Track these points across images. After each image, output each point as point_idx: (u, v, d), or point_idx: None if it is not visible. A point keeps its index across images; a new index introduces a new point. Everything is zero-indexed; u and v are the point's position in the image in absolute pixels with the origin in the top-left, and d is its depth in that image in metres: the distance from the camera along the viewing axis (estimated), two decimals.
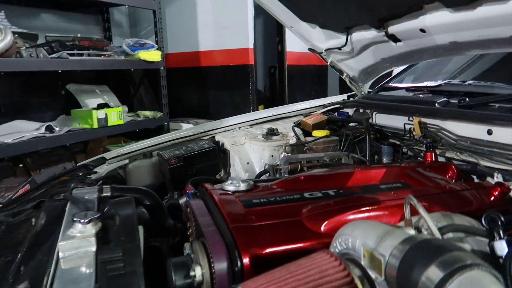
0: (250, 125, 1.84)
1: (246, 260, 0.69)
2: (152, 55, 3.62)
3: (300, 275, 0.59)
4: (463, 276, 0.44)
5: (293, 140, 1.55)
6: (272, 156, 1.51)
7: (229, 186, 0.93)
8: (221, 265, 0.70)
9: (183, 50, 4.15)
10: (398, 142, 1.50)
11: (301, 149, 1.52)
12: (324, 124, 1.73)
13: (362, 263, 0.61)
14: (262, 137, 1.57)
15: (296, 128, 1.67)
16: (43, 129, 2.96)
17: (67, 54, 3.04)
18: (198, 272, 0.70)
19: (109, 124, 3.25)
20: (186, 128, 1.82)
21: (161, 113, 3.82)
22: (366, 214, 0.82)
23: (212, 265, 0.70)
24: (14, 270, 0.74)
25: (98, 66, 3.27)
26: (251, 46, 3.86)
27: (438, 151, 1.34)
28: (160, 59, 3.71)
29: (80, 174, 1.44)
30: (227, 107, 4.11)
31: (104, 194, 1.05)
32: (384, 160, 1.43)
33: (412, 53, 1.56)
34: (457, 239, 0.64)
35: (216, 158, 1.48)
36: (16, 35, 3.25)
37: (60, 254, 0.71)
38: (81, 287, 0.63)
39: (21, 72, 3.29)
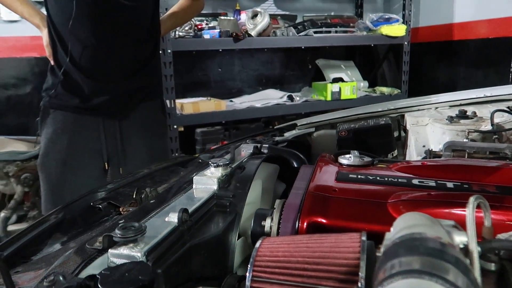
0: (450, 106, 1.60)
1: (303, 226, 0.72)
2: (395, 30, 3.51)
3: (313, 243, 0.59)
4: (402, 282, 0.36)
5: (487, 127, 1.26)
6: None
7: (343, 159, 0.93)
8: (286, 225, 0.75)
9: (435, 23, 3.79)
10: None
11: (491, 138, 1.22)
12: None
13: None
14: (446, 119, 1.35)
15: (504, 114, 1.34)
16: (285, 98, 3.45)
17: (313, 32, 3.37)
18: (267, 223, 0.78)
19: (342, 97, 3.44)
20: (377, 104, 1.77)
21: (399, 90, 3.70)
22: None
23: (280, 222, 0.77)
24: (166, 192, 1.03)
25: (337, 42, 3.46)
26: None
27: None
28: (404, 33, 3.56)
29: (270, 134, 1.69)
30: (476, 87, 3.52)
31: (262, 151, 1.25)
32: None
33: None
34: None
35: (389, 136, 1.40)
36: (279, 17, 3.84)
37: (194, 186, 0.94)
38: (179, 208, 0.82)
39: (280, 49, 3.89)
